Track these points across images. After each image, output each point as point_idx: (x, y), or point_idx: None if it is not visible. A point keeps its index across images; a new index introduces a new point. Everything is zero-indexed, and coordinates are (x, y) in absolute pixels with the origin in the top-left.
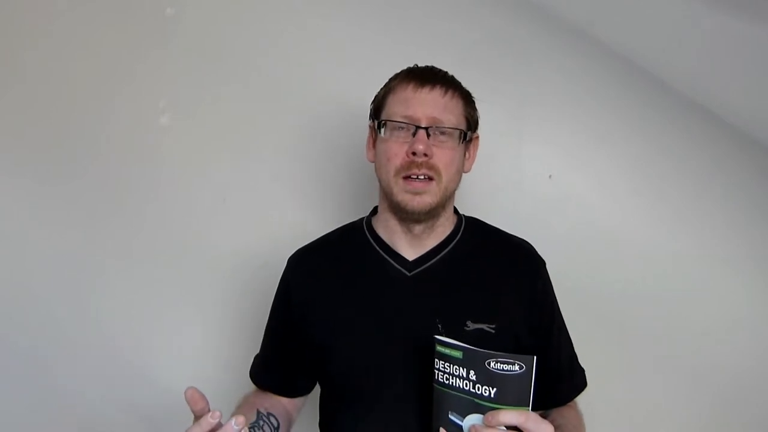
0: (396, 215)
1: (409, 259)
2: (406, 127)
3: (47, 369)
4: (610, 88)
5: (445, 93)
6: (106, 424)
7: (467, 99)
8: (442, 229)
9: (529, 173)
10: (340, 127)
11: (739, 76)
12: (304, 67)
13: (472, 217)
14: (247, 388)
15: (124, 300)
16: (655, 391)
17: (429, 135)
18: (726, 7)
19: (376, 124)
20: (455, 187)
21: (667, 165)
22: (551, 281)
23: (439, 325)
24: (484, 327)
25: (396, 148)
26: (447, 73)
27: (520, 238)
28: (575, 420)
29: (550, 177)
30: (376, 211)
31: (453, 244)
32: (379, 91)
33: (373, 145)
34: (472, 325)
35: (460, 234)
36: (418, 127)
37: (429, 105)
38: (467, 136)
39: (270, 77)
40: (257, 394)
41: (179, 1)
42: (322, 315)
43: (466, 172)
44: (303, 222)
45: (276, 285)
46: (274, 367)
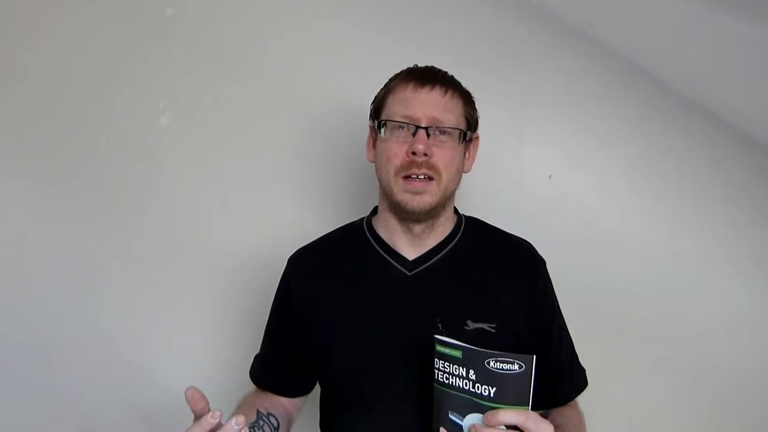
0: (396, 215)
1: (409, 258)
2: (406, 127)
3: (47, 369)
4: (610, 88)
5: (445, 93)
6: (106, 424)
7: (467, 99)
8: (442, 229)
9: (529, 173)
10: (340, 127)
11: (739, 76)
12: (304, 67)
13: (472, 217)
14: (247, 388)
15: (124, 300)
16: (655, 391)
17: (429, 135)
18: (726, 7)
19: (376, 124)
20: (455, 187)
21: (667, 165)
22: (551, 281)
23: (439, 325)
24: (484, 326)
25: (396, 148)
26: (447, 73)
27: (521, 238)
28: (576, 420)
29: (550, 177)
30: (376, 211)
31: (453, 244)
32: (379, 91)
33: (373, 146)
34: (472, 325)
35: (460, 233)
36: (418, 127)
37: (429, 105)
38: (467, 136)
39: (270, 77)
40: (257, 394)
41: (179, 1)
42: (322, 315)
43: (466, 172)
44: (303, 222)
45: (276, 285)
46: (274, 367)
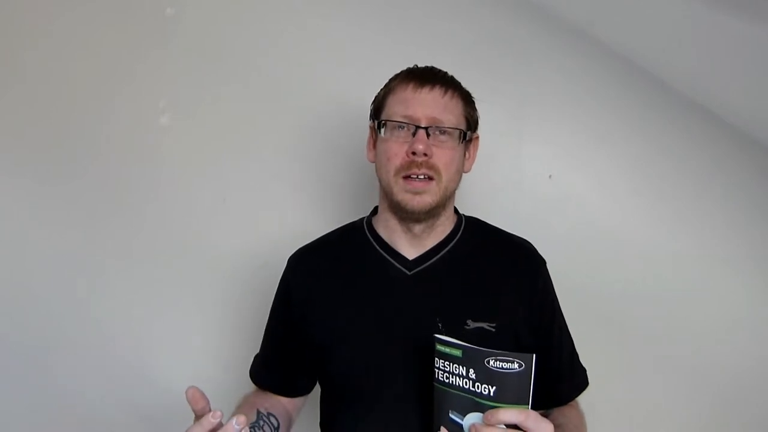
0: (396, 215)
1: (409, 258)
2: (406, 127)
3: (47, 369)
4: (610, 88)
5: (445, 93)
6: (106, 424)
7: (467, 99)
8: (442, 229)
9: (529, 173)
10: (340, 127)
11: (739, 76)
12: (304, 67)
13: (473, 217)
14: (247, 388)
15: (124, 300)
16: (655, 391)
17: (429, 135)
18: (726, 7)
19: (377, 125)
20: (455, 187)
21: (667, 165)
22: (552, 281)
23: (439, 324)
24: (485, 326)
25: (396, 148)
26: (447, 73)
27: (521, 238)
28: (576, 419)
29: (550, 177)
30: (376, 211)
31: (453, 244)
32: (379, 91)
33: (373, 146)
34: (472, 324)
35: (460, 233)
36: (418, 127)
37: (429, 105)
38: (467, 136)
39: (270, 77)
40: (257, 394)
41: (179, 1)
42: (322, 315)
43: (466, 172)
44: (303, 222)
45: (276, 285)
46: (274, 367)
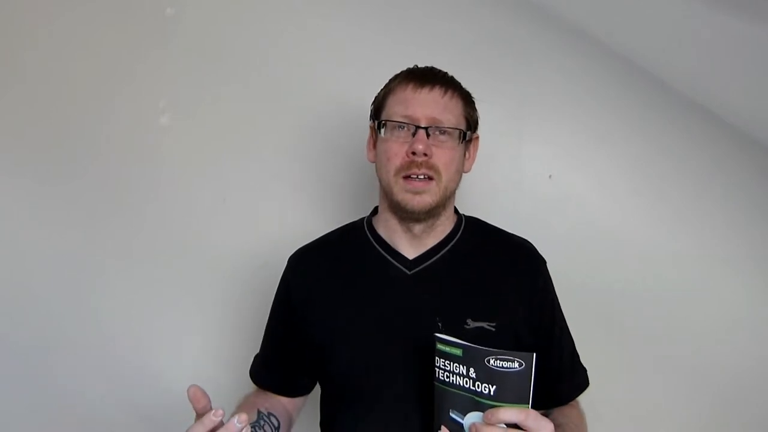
0: (396, 215)
1: (409, 258)
2: (405, 127)
3: (47, 369)
4: (610, 88)
5: (445, 93)
6: (106, 424)
7: (467, 99)
8: (442, 228)
9: (529, 173)
10: (340, 127)
11: (739, 76)
12: (304, 67)
13: (473, 217)
14: (247, 388)
15: (124, 300)
16: (655, 391)
17: (429, 135)
18: (726, 7)
19: (377, 125)
20: (455, 187)
21: (667, 165)
22: (552, 280)
23: (439, 324)
24: (485, 325)
25: (396, 148)
26: (447, 73)
27: (521, 238)
28: (577, 419)
29: (550, 177)
30: (376, 211)
31: (453, 243)
32: (379, 91)
33: (373, 146)
34: (472, 324)
35: (460, 233)
36: (418, 127)
37: (428, 105)
38: (467, 136)
39: (270, 77)
40: (258, 393)
41: (179, 1)
42: (322, 315)
43: (466, 172)
44: (303, 222)
45: (276, 285)
46: (274, 366)
